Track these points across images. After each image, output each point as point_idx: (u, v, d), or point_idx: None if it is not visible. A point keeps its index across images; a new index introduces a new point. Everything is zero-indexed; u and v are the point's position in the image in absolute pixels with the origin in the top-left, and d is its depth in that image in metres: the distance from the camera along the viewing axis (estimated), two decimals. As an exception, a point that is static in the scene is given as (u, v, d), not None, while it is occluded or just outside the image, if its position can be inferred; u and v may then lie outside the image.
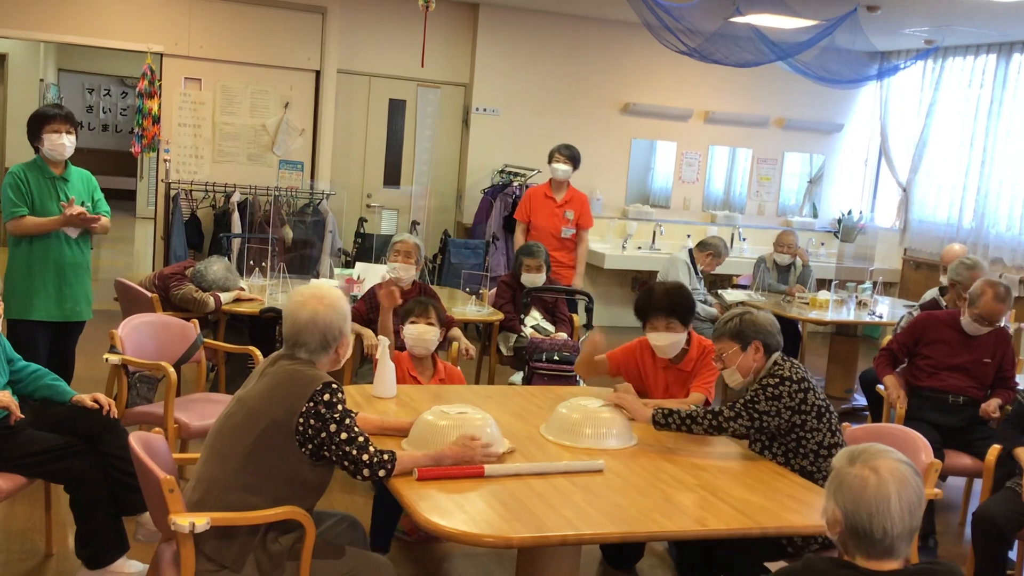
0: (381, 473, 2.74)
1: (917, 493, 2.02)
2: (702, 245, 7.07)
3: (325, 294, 2.87)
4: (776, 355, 3.43)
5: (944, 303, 5.49)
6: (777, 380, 3.31)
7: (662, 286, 4.04)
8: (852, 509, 2.00)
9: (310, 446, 2.68)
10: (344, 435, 2.69)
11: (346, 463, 2.71)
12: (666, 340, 3.94)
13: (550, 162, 6.86)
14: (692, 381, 3.98)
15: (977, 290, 4.63)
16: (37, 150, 4.65)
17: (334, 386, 2.72)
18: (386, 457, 2.75)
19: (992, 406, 4.55)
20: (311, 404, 2.67)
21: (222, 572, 2.63)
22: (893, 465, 2.02)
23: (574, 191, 6.90)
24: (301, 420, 2.66)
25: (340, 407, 2.71)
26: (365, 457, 2.71)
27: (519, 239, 6.87)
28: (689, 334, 4.01)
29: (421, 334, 4.19)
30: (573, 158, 6.81)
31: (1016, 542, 3.95)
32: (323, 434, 2.67)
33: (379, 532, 3.79)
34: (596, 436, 3.31)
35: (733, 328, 3.44)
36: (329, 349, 2.83)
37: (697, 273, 6.98)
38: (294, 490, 2.70)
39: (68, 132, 4.62)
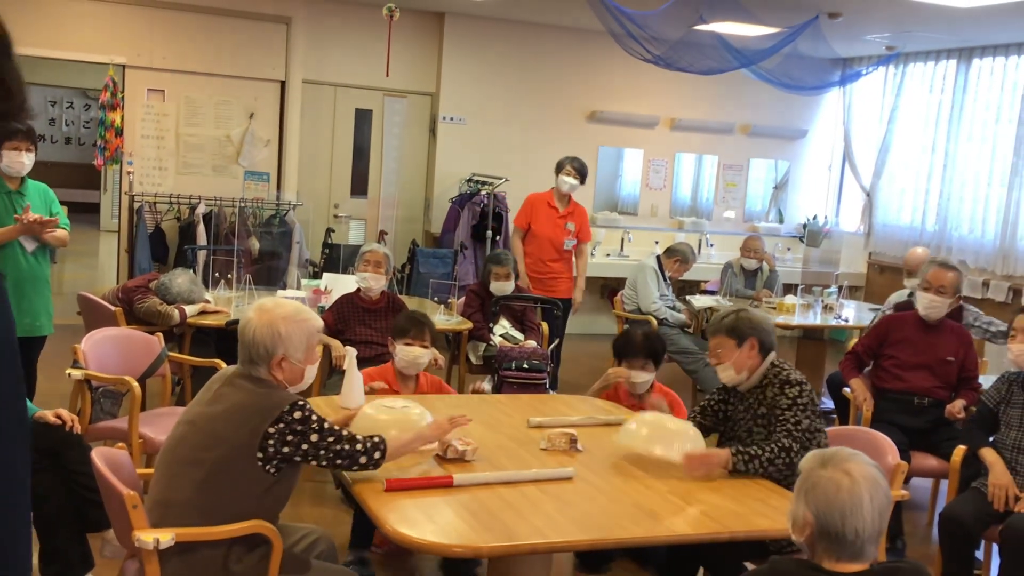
0: (377, 455, 2.76)
1: (886, 495, 2.07)
2: (670, 251, 7.11)
3: (270, 309, 2.74)
4: (772, 356, 3.46)
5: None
6: (799, 389, 3.33)
7: (641, 331, 4.31)
8: (825, 511, 2.02)
9: (275, 462, 2.63)
10: (331, 438, 2.68)
11: (339, 461, 2.71)
12: (641, 378, 4.14)
13: (558, 173, 6.78)
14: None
15: (925, 267, 4.87)
16: (-7, 163, 4.59)
17: (301, 403, 2.67)
18: (376, 439, 2.77)
19: (957, 407, 4.59)
20: (280, 426, 2.61)
21: None
22: (864, 468, 2.06)
23: (575, 204, 6.90)
24: (272, 442, 2.60)
25: (315, 417, 2.67)
26: (359, 447, 2.73)
27: (517, 246, 6.82)
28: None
29: (416, 358, 4.09)
30: (582, 172, 6.75)
31: (983, 541, 3.99)
32: (304, 446, 2.64)
33: (358, 548, 3.80)
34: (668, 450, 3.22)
35: (729, 324, 3.46)
36: (259, 366, 2.71)
37: (665, 279, 7.01)
38: (253, 509, 2.64)
39: (28, 150, 4.58)
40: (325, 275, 6.41)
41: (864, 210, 9.92)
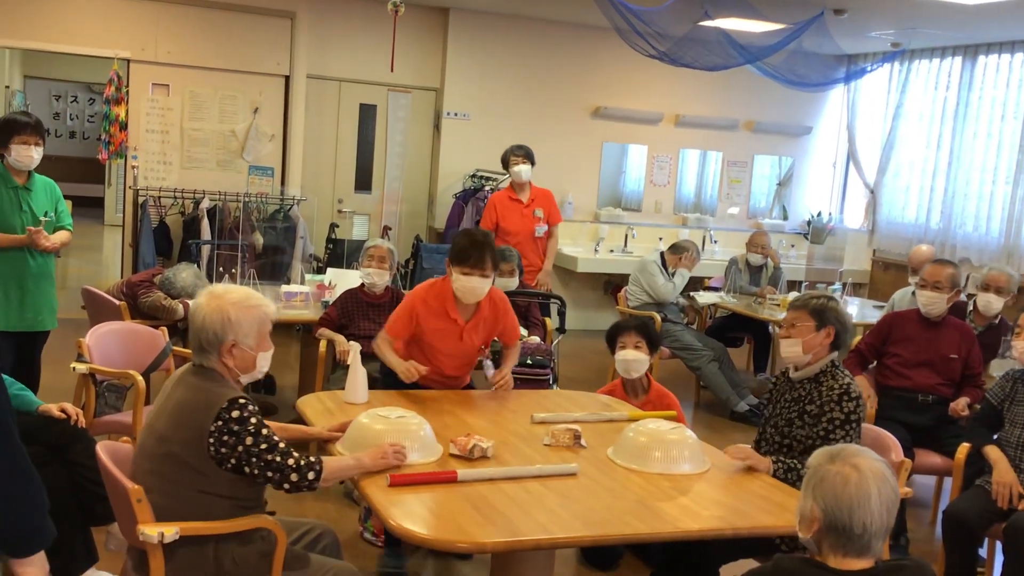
0: (311, 476, 2.63)
1: (894, 491, 2.08)
2: (674, 248, 7.10)
3: (220, 294, 2.68)
4: (835, 355, 3.45)
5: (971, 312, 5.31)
6: (855, 404, 3.31)
7: (634, 316, 4.26)
8: (833, 505, 2.03)
9: (229, 464, 2.57)
10: (264, 445, 2.58)
11: (270, 473, 2.59)
12: (633, 356, 4.15)
13: (507, 166, 6.83)
14: None
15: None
16: (2, 157, 4.59)
17: (241, 401, 2.59)
18: (312, 459, 2.66)
19: (961, 405, 4.59)
20: (219, 423, 2.54)
21: None
22: (872, 463, 2.07)
23: (537, 189, 6.90)
24: (212, 441, 2.54)
25: (253, 420, 2.58)
26: (291, 462, 2.60)
27: None
28: (650, 379, 4.26)
29: (475, 288, 3.81)
30: (529, 156, 6.80)
31: (986, 539, 3.99)
32: (239, 448, 2.55)
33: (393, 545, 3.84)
34: (666, 460, 3.13)
35: (817, 306, 3.44)
36: (209, 354, 2.66)
37: (667, 277, 6.99)
38: (228, 506, 2.61)
39: (36, 144, 4.59)
40: (329, 270, 6.41)
41: (868, 207, 9.91)
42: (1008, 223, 8.41)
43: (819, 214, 10.28)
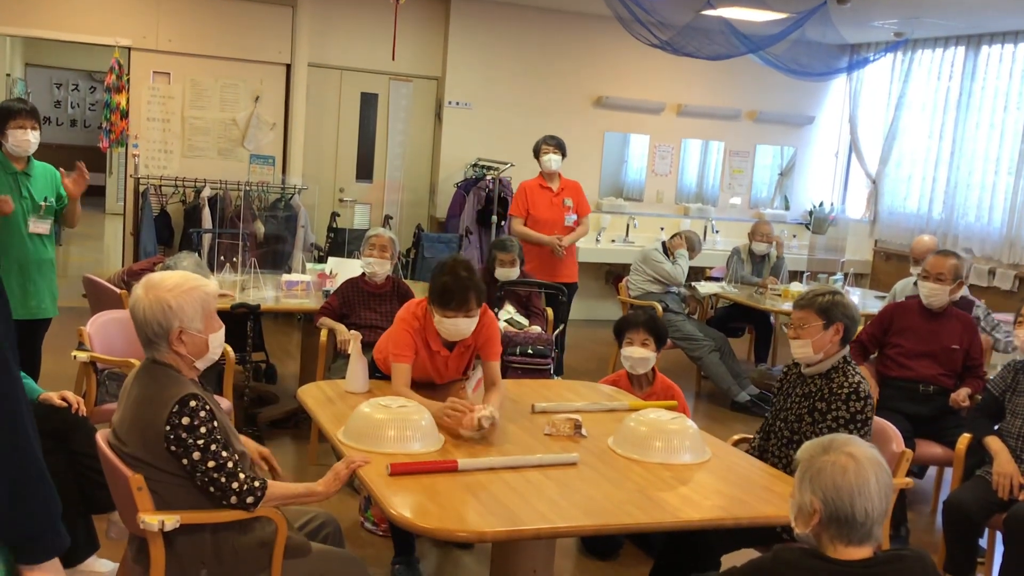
0: (249, 500, 2.57)
1: (888, 475, 2.09)
2: (671, 239, 7.10)
3: (156, 283, 2.61)
4: (846, 350, 3.41)
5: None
6: (862, 404, 3.27)
7: (643, 311, 4.39)
8: (834, 495, 2.03)
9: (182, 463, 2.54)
10: (211, 463, 2.51)
11: (212, 489, 2.54)
12: (640, 354, 4.16)
13: (539, 156, 6.74)
14: None
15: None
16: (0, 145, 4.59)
17: (192, 404, 2.50)
18: (256, 484, 2.59)
19: (962, 395, 4.59)
20: (168, 428, 2.48)
21: None
22: (866, 451, 2.08)
23: (565, 180, 6.87)
24: (166, 445, 2.51)
25: (203, 429, 2.50)
26: (235, 485, 2.55)
27: (523, 231, 6.66)
28: (655, 371, 4.27)
29: (460, 330, 3.58)
30: (561, 147, 6.75)
31: (986, 529, 3.99)
32: (184, 460, 2.51)
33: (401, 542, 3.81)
34: (667, 450, 3.13)
35: (824, 304, 3.37)
36: (159, 345, 2.59)
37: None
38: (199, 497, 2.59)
39: (33, 128, 4.58)
40: (330, 259, 6.41)
41: (870, 197, 9.89)
42: (1010, 213, 8.39)
43: (821, 204, 10.26)
